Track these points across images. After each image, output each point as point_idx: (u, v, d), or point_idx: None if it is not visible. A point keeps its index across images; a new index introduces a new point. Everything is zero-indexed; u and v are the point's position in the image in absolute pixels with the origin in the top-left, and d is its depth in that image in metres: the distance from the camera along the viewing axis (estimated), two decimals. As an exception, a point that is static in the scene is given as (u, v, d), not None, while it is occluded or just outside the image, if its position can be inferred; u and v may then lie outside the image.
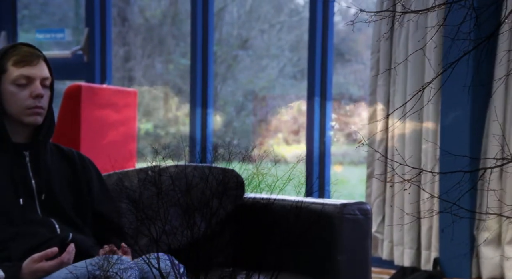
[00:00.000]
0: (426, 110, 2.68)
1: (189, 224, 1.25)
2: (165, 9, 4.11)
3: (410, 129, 2.73)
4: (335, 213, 2.05)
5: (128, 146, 2.91)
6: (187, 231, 1.25)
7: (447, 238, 2.59)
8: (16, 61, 1.74)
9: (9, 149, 1.74)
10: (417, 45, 2.69)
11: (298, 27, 3.78)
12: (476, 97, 2.53)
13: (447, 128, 2.59)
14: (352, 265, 2.06)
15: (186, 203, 1.31)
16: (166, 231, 1.31)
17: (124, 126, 2.94)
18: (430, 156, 2.64)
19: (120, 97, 2.96)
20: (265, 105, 3.89)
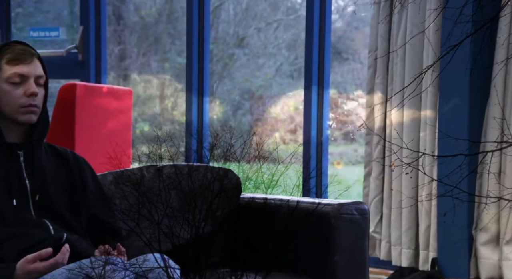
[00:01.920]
0: (424, 97, 2.67)
1: (191, 208, 1.24)
2: (160, 7, 4.10)
3: (408, 117, 2.71)
4: (332, 213, 2.04)
5: (123, 145, 2.89)
6: (189, 215, 1.24)
7: (445, 238, 2.58)
8: (10, 59, 1.72)
9: (3, 148, 1.72)
10: (415, 43, 2.67)
11: (295, 26, 3.76)
12: (476, 81, 2.52)
13: (446, 113, 2.57)
14: (349, 265, 2.05)
15: (188, 188, 1.29)
16: (167, 214, 1.29)
17: (119, 125, 2.92)
18: (429, 144, 2.62)
19: (115, 96, 2.94)
20: (261, 104, 3.87)
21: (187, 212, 1.26)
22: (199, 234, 1.23)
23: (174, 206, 1.31)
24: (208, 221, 1.30)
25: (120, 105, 2.94)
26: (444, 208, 2.50)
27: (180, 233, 1.24)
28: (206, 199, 1.39)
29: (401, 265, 2.73)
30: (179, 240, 1.23)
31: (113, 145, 2.32)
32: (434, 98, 2.63)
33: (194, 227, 1.23)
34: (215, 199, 1.43)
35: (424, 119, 2.65)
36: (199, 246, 1.41)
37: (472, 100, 2.53)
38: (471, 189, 2.45)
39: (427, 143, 2.62)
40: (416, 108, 2.70)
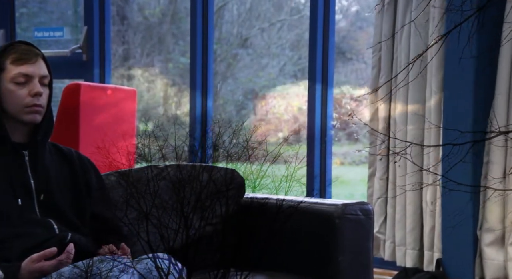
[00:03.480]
0: (429, 88, 2.66)
1: (179, 198, 1.23)
2: (164, 8, 4.10)
3: (411, 109, 2.71)
4: (336, 213, 2.03)
5: (127, 145, 2.89)
6: (178, 205, 1.24)
7: (450, 238, 2.57)
8: (15, 59, 1.73)
9: (8, 148, 1.72)
10: (418, 42, 2.67)
11: (299, 26, 3.76)
12: (479, 67, 2.50)
13: (450, 101, 2.56)
14: (353, 266, 2.05)
15: (178, 178, 1.29)
16: (155, 205, 1.29)
17: (123, 125, 2.92)
18: (433, 136, 2.61)
19: (119, 96, 2.95)
20: (265, 104, 3.87)
21: (175, 202, 1.26)
22: (187, 226, 1.23)
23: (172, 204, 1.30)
24: (197, 213, 1.30)
25: (124, 105, 2.94)
26: (449, 208, 2.50)
27: (169, 224, 1.24)
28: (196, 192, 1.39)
29: (406, 266, 2.72)
30: (167, 231, 1.23)
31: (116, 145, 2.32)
32: (439, 88, 2.62)
33: (183, 217, 1.23)
34: (217, 198, 1.43)
35: (429, 111, 2.64)
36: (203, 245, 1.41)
37: (478, 86, 2.50)
38: (476, 179, 2.43)
39: (432, 132, 2.60)
40: (418, 101, 2.70)
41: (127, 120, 2.95)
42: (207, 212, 1.38)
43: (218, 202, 1.47)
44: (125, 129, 2.93)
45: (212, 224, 2.11)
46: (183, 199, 1.29)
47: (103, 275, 1.36)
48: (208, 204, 1.42)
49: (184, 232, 1.23)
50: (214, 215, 1.86)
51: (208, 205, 1.43)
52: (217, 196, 1.47)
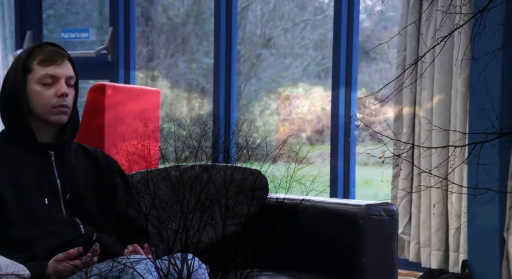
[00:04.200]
0: (454, 88, 2.64)
1: (179, 199, 1.24)
2: (188, 8, 4.11)
3: (437, 110, 2.68)
4: (360, 214, 2.02)
5: (152, 145, 2.90)
6: (176, 205, 1.24)
7: (476, 240, 2.54)
8: (42, 60, 1.75)
9: (35, 148, 1.74)
10: (444, 44, 2.64)
11: (322, 26, 3.75)
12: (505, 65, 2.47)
13: (475, 101, 2.52)
14: (377, 267, 2.04)
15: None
16: (155, 205, 1.30)
17: (147, 126, 2.93)
18: (456, 137, 2.58)
19: (143, 96, 2.96)
20: (288, 104, 3.87)
21: (175, 203, 1.26)
22: (187, 226, 1.24)
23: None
24: (220, 213, 1.30)
25: (148, 105, 2.95)
26: (475, 209, 2.46)
27: (169, 224, 1.25)
28: (230, 198, 1.39)
29: (431, 267, 2.70)
30: (167, 231, 1.24)
31: (141, 144, 2.33)
32: (465, 86, 2.60)
33: (183, 218, 1.23)
34: (240, 199, 1.43)
35: (454, 111, 2.62)
36: (225, 246, 1.41)
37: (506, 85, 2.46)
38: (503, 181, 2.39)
39: (457, 136, 2.57)
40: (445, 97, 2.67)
41: (151, 120, 2.97)
42: (231, 212, 1.38)
43: (243, 202, 1.47)
44: (149, 129, 2.94)
45: (237, 224, 2.11)
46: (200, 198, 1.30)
47: (127, 276, 1.37)
48: (232, 205, 1.43)
49: (184, 232, 1.23)
50: (239, 215, 1.85)
51: (232, 205, 1.43)
52: (242, 196, 1.47)
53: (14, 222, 1.67)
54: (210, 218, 1.26)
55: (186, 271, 1.29)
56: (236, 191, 1.51)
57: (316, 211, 2.13)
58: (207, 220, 1.25)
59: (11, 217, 1.67)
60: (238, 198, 1.46)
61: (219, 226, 1.30)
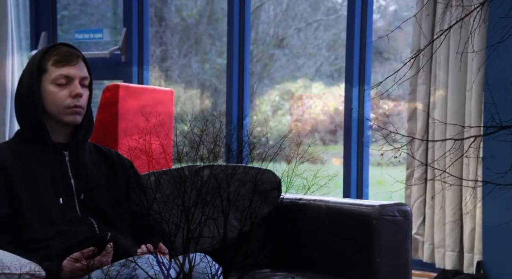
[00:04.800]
0: (469, 86, 2.62)
1: (180, 193, 1.24)
2: (201, 9, 4.12)
3: (451, 108, 2.66)
4: (374, 214, 2.02)
5: (165, 146, 2.92)
6: (178, 200, 1.24)
7: (491, 240, 2.52)
8: (56, 61, 1.76)
9: (49, 148, 1.76)
10: (459, 43, 2.62)
11: (335, 26, 3.74)
12: None
13: (490, 99, 2.50)
14: (391, 268, 2.03)
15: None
16: (157, 199, 1.31)
17: (161, 126, 2.95)
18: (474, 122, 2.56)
19: (157, 96, 2.97)
20: (301, 104, 3.86)
21: (177, 197, 1.27)
22: (189, 221, 1.24)
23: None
24: (233, 213, 1.30)
25: (162, 105, 2.96)
26: (490, 210, 2.45)
27: (170, 218, 1.25)
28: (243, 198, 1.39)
29: (445, 268, 2.68)
30: (168, 225, 1.24)
31: (155, 144, 2.34)
32: (482, 79, 2.58)
33: (184, 212, 1.23)
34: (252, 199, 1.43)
35: (469, 109, 2.60)
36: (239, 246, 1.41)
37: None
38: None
39: (471, 132, 2.55)
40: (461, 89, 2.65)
41: (165, 120, 2.98)
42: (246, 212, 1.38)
43: (255, 202, 1.47)
44: (163, 129, 2.96)
45: (250, 224, 2.11)
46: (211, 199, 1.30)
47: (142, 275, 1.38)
48: (244, 204, 1.43)
49: (185, 227, 1.23)
50: (252, 215, 1.84)
51: (244, 205, 1.43)
52: (254, 196, 1.47)
53: (29, 221, 1.68)
54: (211, 212, 1.26)
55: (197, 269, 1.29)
56: (248, 191, 1.51)
57: (329, 212, 2.13)
58: (209, 214, 1.25)
59: (26, 216, 1.68)
60: (251, 198, 1.45)
61: (220, 221, 1.30)
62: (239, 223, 1.41)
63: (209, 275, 1.26)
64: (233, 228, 1.49)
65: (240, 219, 1.34)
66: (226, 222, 1.28)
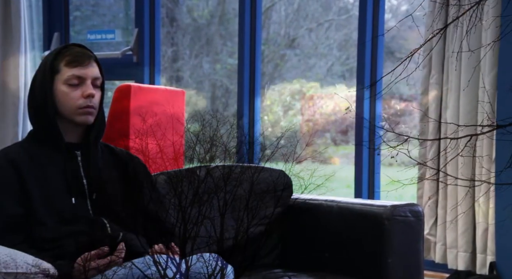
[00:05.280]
0: (481, 82, 2.61)
1: (177, 193, 1.24)
2: (212, 9, 4.13)
3: (463, 108, 2.65)
4: (385, 215, 2.01)
5: (177, 146, 2.92)
6: (175, 200, 1.25)
7: (504, 241, 2.50)
8: (69, 61, 1.77)
9: (62, 148, 1.76)
10: (471, 41, 2.61)
11: (347, 26, 3.73)
12: None
13: (503, 98, 2.49)
14: (403, 268, 2.02)
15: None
16: (152, 198, 1.32)
17: (172, 126, 2.95)
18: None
19: (168, 97, 2.98)
20: (312, 104, 3.85)
21: (173, 197, 1.27)
22: (185, 221, 1.24)
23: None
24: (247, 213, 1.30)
25: (173, 106, 2.97)
26: (503, 209, 2.43)
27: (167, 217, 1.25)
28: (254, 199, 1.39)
29: (458, 269, 2.66)
30: (181, 225, 1.24)
31: (166, 146, 2.35)
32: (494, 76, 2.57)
33: (181, 212, 1.24)
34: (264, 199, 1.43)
35: (482, 109, 2.59)
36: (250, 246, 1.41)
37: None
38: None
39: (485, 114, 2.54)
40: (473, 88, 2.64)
41: (176, 121, 2.98)
42: (256, 212, 1.38)
43: (267, 202, 1.47)
44: (174, 130, 2.96)
45: (261, 224, 2.10)
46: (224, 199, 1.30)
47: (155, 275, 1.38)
48: (256, 205, 1.43)
49: (182, 226, 1.23)
50: (264, 216, 1.84)
51: (256, 205, 1.43)
52: (266, 196, 1.47)
53: (41, 221, 1.69)
54: (208, 211, 1.26)
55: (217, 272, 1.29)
56: (261, 191, 1.51)
57: (341, 212, 2.12)
58: (205, 213, 1.25)
59: (39, 216, 1.69)
60: (264, 199, 1.45)
61: (216, 219, 1.30)
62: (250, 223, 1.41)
63: (205, 275, 1.26)
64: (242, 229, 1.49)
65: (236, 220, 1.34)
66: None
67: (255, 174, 1.37)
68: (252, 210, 1.38)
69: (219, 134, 1.31)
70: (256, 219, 1.53)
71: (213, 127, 1.33)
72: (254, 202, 1.40)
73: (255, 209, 1.39)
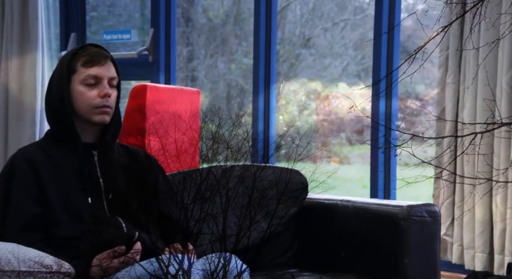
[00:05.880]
0: (499, 86, 2.59)
1: (179, 191, 1.24)
2: (228, 9, 4.13)
3: (481, 107, 2.63)
4: (401, 215, 2.00)
5: (192, 145, 2.93)
6: (178, 197, 1.25)
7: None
8: (85, 61, 1.78)
9: (79, 148, 1.77)
10: (489, 39, 2.58)
11: (362, 25, 3.71)
12: None
13: None
14: (419, 268, 2.01)
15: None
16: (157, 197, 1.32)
17: (187, 126, 2.96)
18: None
19: (184, 96, 2.99)
20: (328, 104, 3.84)
21: (175, 194, 1.28)
22: (187, 218, 1.25)
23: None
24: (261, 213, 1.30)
25: (189, 105, 2.98)
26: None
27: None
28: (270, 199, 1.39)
29: (475, 269, 2.64)
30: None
31: (182, 145, 2.36)
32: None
33: (183, 209, 1.24)
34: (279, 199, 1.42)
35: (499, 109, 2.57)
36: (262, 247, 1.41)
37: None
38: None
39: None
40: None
41: (192, 120, 2.99)
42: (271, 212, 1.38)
43: (282, 202, 1.47)
44: (190, 129, 2.97)
45: (276, 224, 2.10)
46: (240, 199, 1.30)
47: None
48: (271, 205, 1.42)
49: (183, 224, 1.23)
50: (278, 216, 1.83)
51: (271, 205, 1.42)
52: (281, 196, 1.47)
53: (58, 220, 1.70)
54: (210, 208, 1.27)
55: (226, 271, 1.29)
56: (276, 191, 1.50)
57: (357, 212, 2.11)
58: (208, 210, 1.25)
59: (56, 215, 1.70)
60: (279, 199, 1.45)
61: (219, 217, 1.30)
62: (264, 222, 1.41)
63: (208, 272, 1.26)
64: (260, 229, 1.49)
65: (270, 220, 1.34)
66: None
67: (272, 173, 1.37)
68: (266, 209, 1.38)
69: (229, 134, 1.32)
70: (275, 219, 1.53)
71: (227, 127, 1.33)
72: (268, 201, 1.40)
73: (270, 208, 1.39)
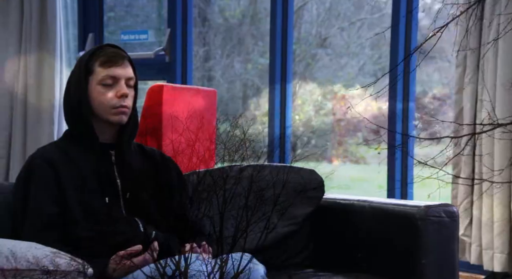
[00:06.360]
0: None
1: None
2: (244, 9, 4.13)
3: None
4: (419, 215, 1.99)
5: (208, 145, 2.93)
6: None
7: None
8: (103, 61, 1.79)
9: (96, 148, 1.79)
10: (508, 38, 2.56)
11: (379, 24, 3.69)
12: None
13: None
14: (437, 269, 2.00)
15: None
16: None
17: (204, 126, 2.97)
18: None
19: (200, 96, 2.99)
20: (344, 104, 3.83)
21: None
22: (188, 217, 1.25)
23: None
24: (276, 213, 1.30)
25: (205, 105, 2.98)
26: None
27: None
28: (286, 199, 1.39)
29: (494, 270, 2.62)
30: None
31: (198, 145, 2.36)
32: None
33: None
34: (296, 199, 1.42)
35: None
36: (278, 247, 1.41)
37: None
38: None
39: None
40: None
41: (208, 120, 2.99)
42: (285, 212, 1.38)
43: (298, 202, 1.47)
44: (206, 129, 2.98)
45: (292, 224, 2.10)
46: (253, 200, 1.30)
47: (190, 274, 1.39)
48: (287, 205, 1.42)
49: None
50: (295, 215, 1.84)
51: (287, 205, 1.42)
52: (297, 196, 1.47)
53: (76, 220, 1.71)
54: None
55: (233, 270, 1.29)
56: (292, 191, 1.50)
57: (374, 212, 2.10)
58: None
59: (74, 215, 1.71)
60: (295, 198, 1.45)
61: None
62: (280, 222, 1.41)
63: (204, 273, 1.26)
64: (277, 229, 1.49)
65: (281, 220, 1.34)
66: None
67: (288, 173, 1.37)
68: (282, 209, 1.38)
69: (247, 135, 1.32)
70: (288, 219, 1.53)
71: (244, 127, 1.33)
72: (285, 202, 1.40)
73: (286, 208, 1.39)
